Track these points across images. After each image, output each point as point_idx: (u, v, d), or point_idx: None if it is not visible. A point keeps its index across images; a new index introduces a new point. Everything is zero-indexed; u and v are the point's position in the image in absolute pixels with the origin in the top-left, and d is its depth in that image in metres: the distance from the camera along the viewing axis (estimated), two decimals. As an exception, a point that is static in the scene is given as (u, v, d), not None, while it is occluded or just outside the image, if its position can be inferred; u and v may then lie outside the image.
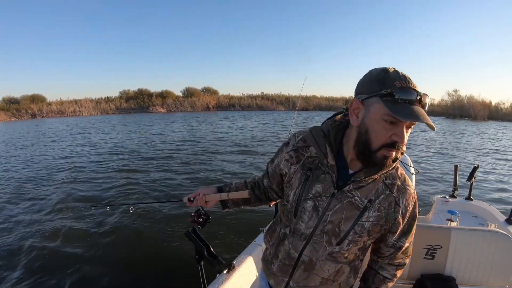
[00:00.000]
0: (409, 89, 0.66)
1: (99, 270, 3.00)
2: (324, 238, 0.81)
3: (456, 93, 29.20)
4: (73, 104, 30.74)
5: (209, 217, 1.13)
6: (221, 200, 1.07)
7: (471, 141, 12.67)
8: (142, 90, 35.08)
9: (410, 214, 0.82)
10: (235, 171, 6.79)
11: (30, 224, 4.06)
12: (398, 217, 0.79)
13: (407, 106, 0.65)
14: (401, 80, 0.67)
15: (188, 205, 1.10)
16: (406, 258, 0.92)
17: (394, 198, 0.79)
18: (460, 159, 8.63)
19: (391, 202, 0.78)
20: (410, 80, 0.68)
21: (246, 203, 1.08)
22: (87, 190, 5.56)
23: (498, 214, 2.44)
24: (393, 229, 0.82)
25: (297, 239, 0.85)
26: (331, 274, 0.85)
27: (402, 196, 0.79)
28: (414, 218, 0.85)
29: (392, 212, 0.79)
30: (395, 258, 0.90)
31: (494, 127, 19.24)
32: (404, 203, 0.79)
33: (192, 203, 1.08)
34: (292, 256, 0.87)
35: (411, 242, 0.90)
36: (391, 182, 0.79)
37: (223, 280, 1.36)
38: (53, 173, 6.94)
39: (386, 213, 0.78)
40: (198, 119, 22.04)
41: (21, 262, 3.14)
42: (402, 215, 0.80)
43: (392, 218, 0.79)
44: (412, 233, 0.87)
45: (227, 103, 34.43)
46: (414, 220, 0.85)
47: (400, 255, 0.90)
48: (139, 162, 7.93)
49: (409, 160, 2.60)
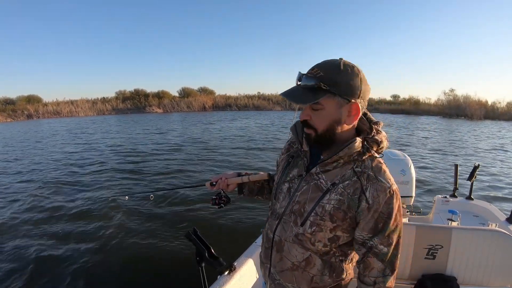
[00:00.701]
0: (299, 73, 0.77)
1: (99, 270, 3.00)
2: (291, 218, 0.86)
3: (452, 92, 29.45)
4: (69, 105, 30.54)
5: (229, 199, 1.19)
6: (239, 184, 1.14)
7: (467, 139, 12.74)
8: (138, 90, 34.94)
9: (383, 210, 0.77)
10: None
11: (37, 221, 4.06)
12: (362, 206, 0.77)
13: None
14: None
15: (210, 189, 1.16)
16: (388, 273, 0.81)
17: (361, 186, 0.78)
18: (458, 158, 8.67)
19: (356, 189, 0.78)
20: (318, 65, 0.76)
21: (260, 193, 1.17)
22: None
23: (499, 214, 2.45)
24: (358, 219, 0.79)
25: (273, 219, 0.92)
26: (300, 261, 0.86)
27: (372, 187, 0.77)
28: (390, 217, 0.77)
29: (356, 199, 0.77)
30: (370, 266, 0.82)
31: (491, 126, 19.31)
32: (372, 194, 0.76)
33: (214, 186, 1.14)
34: (269, 237, 0.92)
35: (391, 249, 0.80)
36: (361, 170, 0.79)
37: (224, 281, 1.36)
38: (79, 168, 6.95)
39: (349, 198, 0.78)
40: (202, 118, 22.03)
41: (26, 260, 3.16)
42: (368, 206, 0.77)
43: (355, 205, 0.78)
44: (387, 235, 0.78)
45: (224, 103, 34.38)
46: (390, 219, 0.77)
47: (375, 263, 0.81)
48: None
49: (409, 161, 2.61)
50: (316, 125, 0.79)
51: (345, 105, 0.76)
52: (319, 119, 0.78)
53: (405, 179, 2.54)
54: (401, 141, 11.78)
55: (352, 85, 0.74)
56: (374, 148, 0.79)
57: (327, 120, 0.78)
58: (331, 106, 0.76)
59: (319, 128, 0.79)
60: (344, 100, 0.75)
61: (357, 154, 0.79)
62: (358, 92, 0.75)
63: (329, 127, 0.78)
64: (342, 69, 0.74)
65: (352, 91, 0.75)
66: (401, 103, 32.82)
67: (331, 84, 0.73)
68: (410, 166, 2.57)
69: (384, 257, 0.80)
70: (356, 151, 0.78)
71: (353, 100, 0.75)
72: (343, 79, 0.74)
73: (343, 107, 0.76)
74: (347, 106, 0.76)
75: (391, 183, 0.78)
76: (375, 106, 32.16)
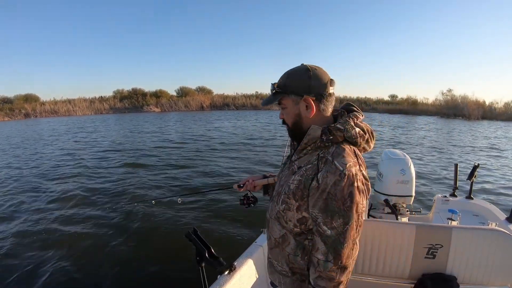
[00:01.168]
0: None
1: (99, 270, 3.01)
2: (276, 197, 0.99)
3: (450, 92, 29.44)
4: (66, 104, 30.45)
5: (257, 199, 1.29)
6: (265, 186, 1.26)
7: (465, 139, 12.78)
8: (136, 89, 34.87)
9: (331, 191, 0.80)
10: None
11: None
12: (313, 185, 0.84)
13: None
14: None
15: (238, 190, 1.30)
16: (331, 260, 0.83)
17: (318, 168, 0.86)
18: (455, 156, 8.69)
19: (313, 170, 0.86)
20: (282, 75, 0.94)
21: None
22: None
23: (498, 213, 2.46)
24: (309, 197, 0.86)
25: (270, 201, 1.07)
26: (278, 237, 0.98)
27: (325, 168, 0.83)
28: (335, 198, 0.80)
29: (310, 179, 0.86)
30: (315, 245, 0.86)
31: (487, 126, 19.35)
32: (322, 175, 0.83)
33: (242, 188, 1.28)
34: (267, 218, 1.05)
35: (335, 234, 0.82)
36: (323, 155, 0.87)
37: (224, 281, 1.37)
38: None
39: (305, 178, 0.87)
40: (202, 117, 21.99)
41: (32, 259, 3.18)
42: (317, 185, 0.83)
43: (308, 184, 0.86)
44: (331, 216, 0.81)
45: (222, 102, 34.39)
46: (335, 200, 0.80)
47: (319, 243, 0.85)
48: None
49: (409, 160, 2.62)
50: (287, 121, 0.97)
51: (300, 101, 0.91)
52: (287, 116, 0.96)
53: (405, 178, 2.54)
54: (397, 139, 11.82)
55: (300, 84, 0.89)
56: (337, 135, 0.88)
57: (291, 116, 0.95)
58: (290, 104, 0.93)
59: (289, 123, 0.97)
60: (297, 97, 0.91)
61: (321, 141, 0.89)
62: (308, 88, 0.89)
63: (294, 121, 0.95)
64: (291, 73, 0.92)
65: (302, 88, 0.89)
66: (399, 103, 33.01)
67: (282, 86, 0.92)
68: (410, 166, 2.58)
69: (327, 240, 0.84)
70: (319, 138, 0.88)
71: (305, 96, 0.89)
72: (292, 81, 0.91)
73: (299, 103, 0.91)
74: (302, 102, 0.91)
75: (346, 167, 0.82)
76: (373, 106, 32.32)
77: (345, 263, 0.84)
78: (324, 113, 0.93)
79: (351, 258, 0.85)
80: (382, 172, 2.67)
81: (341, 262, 0.83)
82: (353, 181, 0.81)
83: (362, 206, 0.84)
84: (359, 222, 0.84)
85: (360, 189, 0.83)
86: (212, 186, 5.47)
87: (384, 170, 2.65)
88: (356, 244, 0.86)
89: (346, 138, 0.88)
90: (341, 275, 0.85)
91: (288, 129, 0.99)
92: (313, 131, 0.89)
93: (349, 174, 0.81)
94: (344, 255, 0.83)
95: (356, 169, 0.83)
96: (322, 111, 0.92)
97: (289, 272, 0.97)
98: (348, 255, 0.84)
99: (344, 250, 0.83)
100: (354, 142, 0.90)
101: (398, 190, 2.56)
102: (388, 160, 2.68)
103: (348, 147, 0.88)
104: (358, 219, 0.83)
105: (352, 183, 0.81)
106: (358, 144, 0.91)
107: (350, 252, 0.84)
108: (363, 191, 0.84)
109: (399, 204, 2.64)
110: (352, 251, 0.85)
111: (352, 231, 0.83)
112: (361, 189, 0.83)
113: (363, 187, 0.84)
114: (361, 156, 0.91)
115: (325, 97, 0.91)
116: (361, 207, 0.83)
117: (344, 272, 0.85)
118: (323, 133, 0.88)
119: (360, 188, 0.83)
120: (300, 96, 0.90)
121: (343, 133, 0.87)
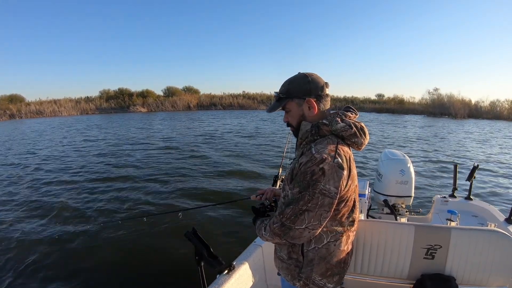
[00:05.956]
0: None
1: (99, 270, 3.02)
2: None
3: (436, 91, 29.96)
4: (52, 104, 30.05)
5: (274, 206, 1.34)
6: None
7: (451, 138, 12.88)
8: (122, 89, 34.59)
9: (301, 168, 0.96)
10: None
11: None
12: (295, 166, 1.01)
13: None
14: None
15: (257, 200, 1.39)
16: (276, 215, 1.01)
17: (302, 154, 1.03)
18: (456, 158, 8.72)
19: (300, 158, 1.01)
20: (283, 83, 1.10)
21: None
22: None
23: (498, 214, 2.48)
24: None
25: None
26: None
27: (306, 154, 0.99)
28: (300, 173, 0.96)
29: (295, 164, 1.03)
30: (279, 205, 1.06)
31: (473, 124, 19.44)
32: (303, 159, 0.98)
33: (261, 198, 1.38)
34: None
35: (290, 196, 0.99)
36: (311, 146, 1.01)
37: (223, 280, 1.38)
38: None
39: (294, 164, 1.04)
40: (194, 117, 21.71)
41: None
42: (298, 165, 0.99)
43: (293, 168, 1.03)
44: (293, 184, 0.98)
45: (209, 102, 34.35)
46: (300, 175, 0.96)
47: (280, 203, 1.05)
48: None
49: (408, 161, 2.63)
50: (292, 123, 1.12)
51: (303, 103, 1.06)
52: (291, 118, 1.11)
53: (404, 178, 2.56)
54: (388, 139, 11.84)
55: (302, 89, 1.05)
56: (324, 129, 1.02)
57: (296, 118, 1.10)
58: (294, 107, 1.08)
59: (294, 124, 1.12)
60: (300, 100, 1.06)
61: (311, 135, 1.03)
62: (309, 91, 1.05)
63: (299, 122, 1.10)
64: (292, 80, 1.08)
65: (303, 92, 1.05)
66: (386, 102, 33.58)
67: (286, 92, 1.07)
68: (409, 166, 2.59)
69: (284, 200, 1.04)
70: (309, 132, 1.04)
71: (307, 98, 1.05)
72: (294, 87, 1.06)
73: (302, 105, 1.07)
74: (305, 103, 1.06)
75: (320, 153, 0.95)
76: (359, 105, 32.54)
77: (286, 222, 0.97)
78: (323, 111, 1.08)
79: (296, 224, 0.96)
80: (381, 173, 2.69)
81: (282, 218, 0.98)
82: (319, 163, 0.93)
83: (323, 187, 0.93)
84: (319, 201, 0.93)
85: (324, 170, 0.92)
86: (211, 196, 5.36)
87: (384, 170, 2.67)
88: (305, 216, 0.95)
89: (332, 131, 1.03)
90: (279, 230, 0.99)
91: (293, 130, 1.13)
92: (304, 127, 1.07)
93: (318, 157, 0.94)
94: (287, 214, 0.97)
95: (328, 155, 0.94)
96: (321, 110, 1.07)
97: (286, 256, 1.10)
98: (292, 218, 0.96)
99: (288, 210, 0.97)
100: (341, 136, 1.03)
101: (397, 190, 2.58)
102: (388, 160, 2.70)
103: (332, 139, 1.01)
104: (315, 197, 0.93)
105: (317, 164, 0.93)
106: (345, 138, 1.03)
107: (296, 218, 0.95)
108: (330, 174, 0.93)
109: (398, 204, 2.67)
110: (298, 218, 0.95)
111: (302, 201, 0.94)
112: (326, 171, 0.93)
113: (330, 170, 0.93)
114: (344, 149, 1.01)
115: (323, 97, 1.07)
116: (321, 186, 0.93)
117: (283, 231, 0.98)
118: (312, 127, 1.04)
119: (326, 170, 0.92)
120: (302, 99, 1.05)
121: (329, 127, 1.02)
